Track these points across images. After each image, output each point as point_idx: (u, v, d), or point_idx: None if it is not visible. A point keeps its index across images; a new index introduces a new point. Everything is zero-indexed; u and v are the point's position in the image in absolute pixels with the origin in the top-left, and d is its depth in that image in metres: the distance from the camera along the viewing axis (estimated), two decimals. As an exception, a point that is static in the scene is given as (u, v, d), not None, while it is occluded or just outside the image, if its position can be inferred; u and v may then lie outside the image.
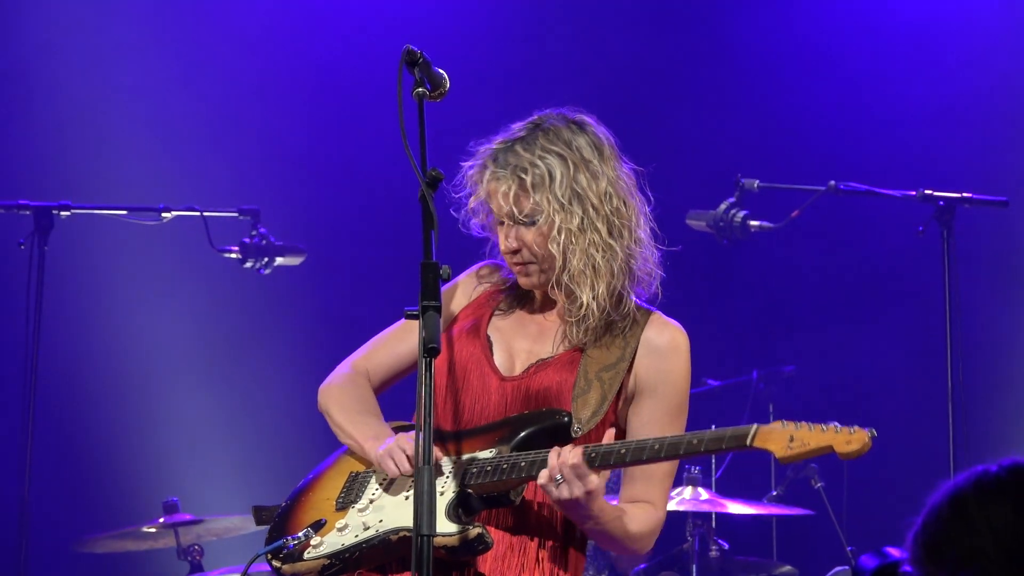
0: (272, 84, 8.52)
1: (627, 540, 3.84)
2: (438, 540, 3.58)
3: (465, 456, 3.79)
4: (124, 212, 7.22)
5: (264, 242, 7.34)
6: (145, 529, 6.81)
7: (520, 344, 3.95)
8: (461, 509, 3.72)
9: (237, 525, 6.83)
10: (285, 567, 3.82)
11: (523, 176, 3.81)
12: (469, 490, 3.74)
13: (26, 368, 6.58)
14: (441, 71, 3.71)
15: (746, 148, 8.36)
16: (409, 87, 3.65)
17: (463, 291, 4.06)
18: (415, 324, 3.88)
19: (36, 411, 6.61)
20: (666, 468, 3.89)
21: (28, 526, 6.53)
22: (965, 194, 6.57)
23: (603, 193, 3.85)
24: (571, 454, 3.65)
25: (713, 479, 7.38)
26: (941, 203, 6.51)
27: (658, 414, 3.86)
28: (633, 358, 3.88)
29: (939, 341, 6.47)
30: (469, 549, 3.69)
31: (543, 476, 3.65)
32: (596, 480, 3.67)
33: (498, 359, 3.93)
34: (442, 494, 3.71)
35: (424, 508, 3.34)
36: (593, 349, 3.88)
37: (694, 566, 6.88)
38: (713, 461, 7.42)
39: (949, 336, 6.36)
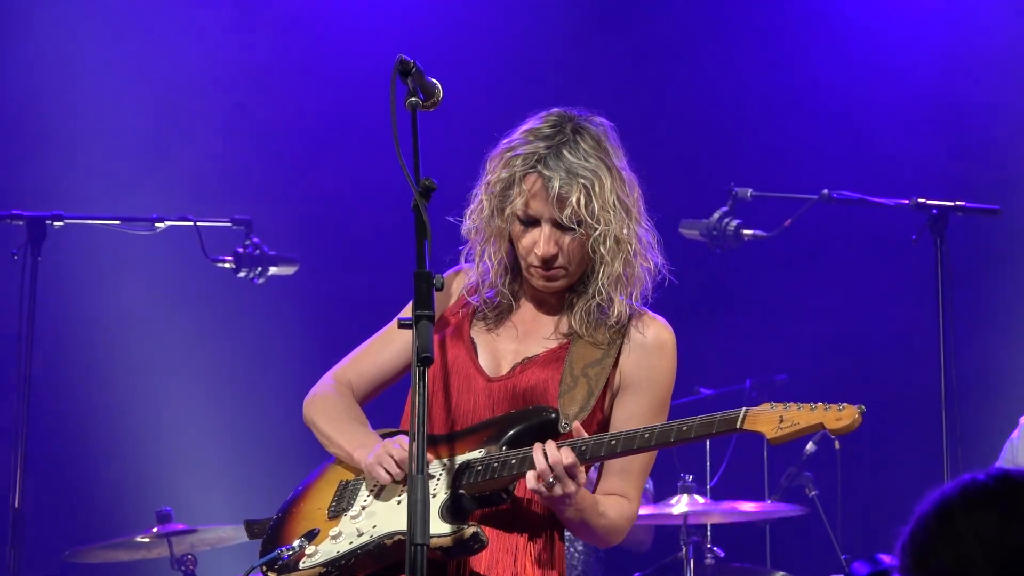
0: (265, 93, 8.52)
1: (604, 532, 3.88)
2: (433, 542, 3.59)
3: (455, 458, 3.80)
4: (117, 222, 7.22)
5: (257, 252, 7.34)
6: (138, 539, 6.81)
7: (505, 345, 3.96)
8: (454, 510, 3.73)
9: (231, 535, 6.82)
10: None
11: (577, 182, 3.80)
12: (461, 491, 3.75)
13: (19, 378, 6.57)
14: (434, 81, 3.71)
15: (739, 157, 8.36)
16: (402, 97, 3.65)
17: (445, 292, 4.07)
18: (397, 333, 3.94)
19: (29, 421, 6.60)
20: (643, 463, 3.92)
21: (21, 536, 6.52)
22: (958, 202, 6.58)
23: (635, 198, 3.91)
24: (565, 454, 3.66)
25: (708, 487, 7.37)
26: (934, 211, 6.52)
27: (641, 409, 3.88)
28: (619, 354, 3.91)
29: (933, 349, 6.47)
30: (465, 549, 3.70)
31: (531, 480, 3.67)
32: (584, 475, 3.70)
33: (483, 360, 3.94)
34: (434, 496, 3.73)
35: (418, 518, 3.34)
36: (579, 345, 3.90)
37: (689, 574, 6.88)
38: (708, 469, 7.41)
39: (942, 344, 6.36)
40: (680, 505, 6.86)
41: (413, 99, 3.65)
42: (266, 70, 8.53)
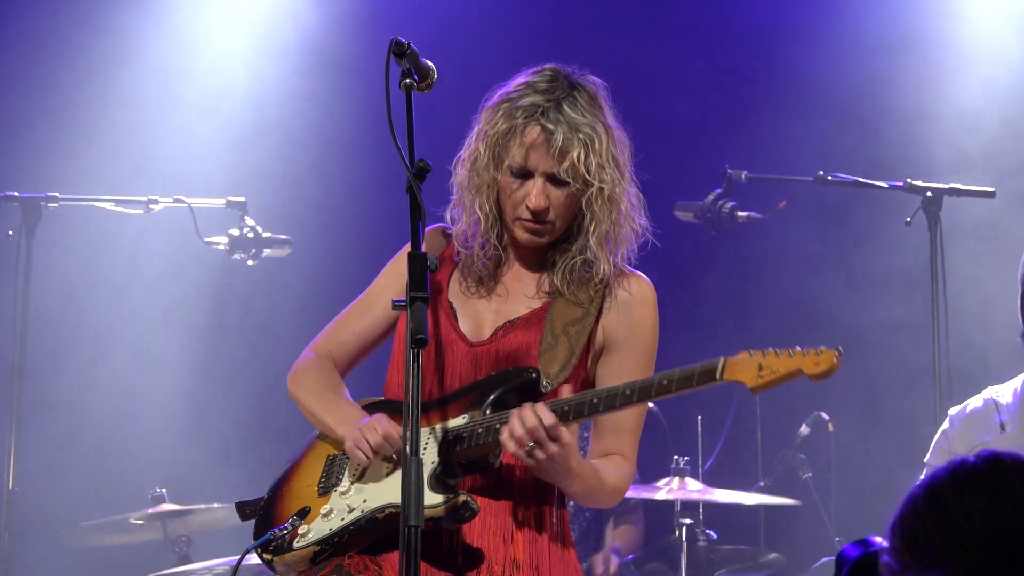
0: (260, 74, 8.50)
1: (603, 494, 3.87)
2: (425, 512, 3.57)
3: (439, 425, 3.78)
4: (112, 203, 7.22)
5: (251, 233, 7.35)
6: (132, 521, 6.80)
7: (486, 307, 3.95)
8: (442, 479, 3.72)
9: (224, 516, 6.82)
10: (276, 559, 3.82)
11: (578, 137, 3.81)
12: (448, 459, 3.74)
13: (13, 358, 6.57)
14: (429, 62, 3.71)
15: (734, 139, 8.36)
16: (397, 78, 3.65)
17: None
18: (375, 300, 3.98)
19: (22, 402, 6.60)
20: (635, 420, 3.92)
21: (15, 518, 6.52)
22: (952, 184, 6.59)
23: (627, 157, 3.92)
24: (544, 414, 3.65)
25: (700, 471, 7.38)
26: (928, 193, 6.53)
27: (627, 366, 3.87)
28: (600, 311, 3.91)
29: (927, 331, 6.48)
30: (456, 517, 3.69)
31: (510, 445, 3.65)
32: (568, 434, 3.68)
33: (464, 326, 3.93)
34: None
35: (412, 499, 3.34)
36: (560, 303, 3.90)
37: (682, 556, 6.88)
38: (700, 452, 7.41)
39: (936, 327, 6.37)
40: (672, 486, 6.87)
41: (407, 80, 3.65)
42: (261, 51, 8.52)
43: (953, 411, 5.30)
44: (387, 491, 3.73)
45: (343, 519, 3.79)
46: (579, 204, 3.87)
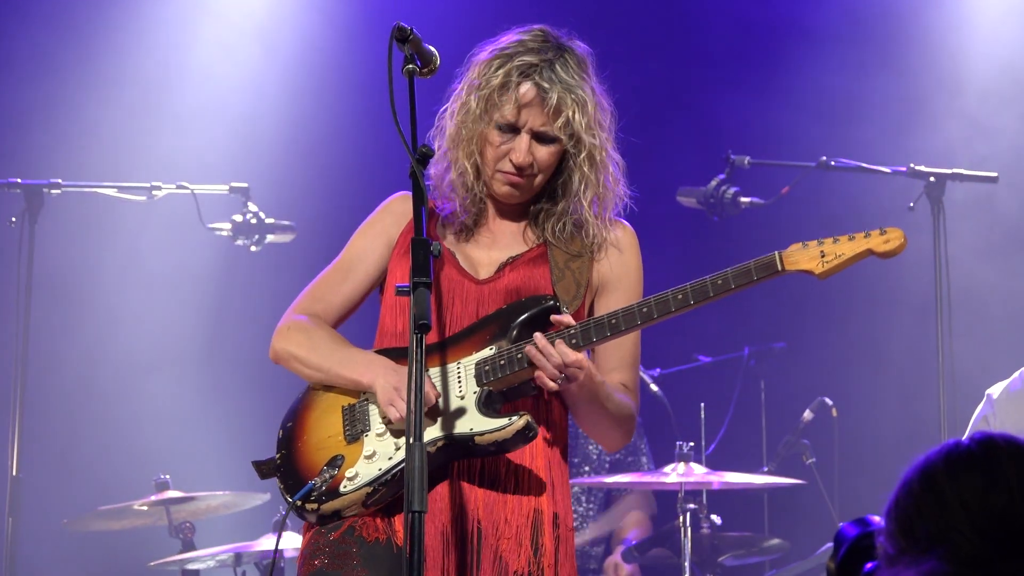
0: (262, 60, 8.49)
1: (619, 421, 3.93)
2: (487, 437, 3.69)
3: (468, 359, 3.84)
4: (115, 189, 7.22)
5: (255, 219, 7.34)
6: (136, 507, 6.80)
7: (477, 252, 4.01)
8: (491, 405, 3.78)
9: (229, 502, 6.83)
10: (324, 507, 3.83)
11: (571, 97, 3.88)
12: (489, 388, 3.79)
13: (16, 345, 6.58)
14: (431, 48, 3.71)
15: (737, 124, 8.34)
16: (399, 64, 3.65)
17: (397, 216, 4.14)
18: (355, 261, 4.09)
19: (26, 389, 6.60)
20: (635, 355, 4.02)
21: (19, 504, 6.53)
22: (955, 170, 6.59)
23: (610, 125, 3.99)
24: (567, 354, 3.72)
25: (704, 456, 7.38)
26: (931, 179, 6.52)
27: (623, 303, 3.90)
28: (593, 256, 3.98)
29: (930, 318, 6.47)
30: (520, 439, 3.75)
31: (544, 381, 3.72)
32: (585, 359, 3.76)
33: (464, 266, 3.98)
34: (462, 397, 3.77)
35: (416, 484, 3.33)
36: (555, 248, 3.97)
37: (686, 541, 6.88)
38: (703, 438, 7.41)
39: (939, 312, 6.37)
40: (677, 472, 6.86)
41: (410, 66, 3.66)
42: (264, 36, 8.51)
43: (994, 391, 5.25)
44: (430, 426, 3.74)
45: (391, 458, 3.81)
46: (562, 164, 3.95)
